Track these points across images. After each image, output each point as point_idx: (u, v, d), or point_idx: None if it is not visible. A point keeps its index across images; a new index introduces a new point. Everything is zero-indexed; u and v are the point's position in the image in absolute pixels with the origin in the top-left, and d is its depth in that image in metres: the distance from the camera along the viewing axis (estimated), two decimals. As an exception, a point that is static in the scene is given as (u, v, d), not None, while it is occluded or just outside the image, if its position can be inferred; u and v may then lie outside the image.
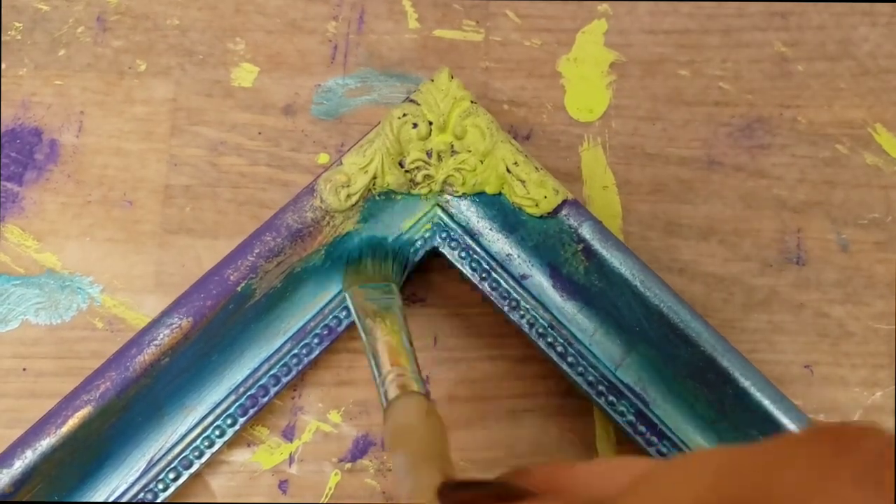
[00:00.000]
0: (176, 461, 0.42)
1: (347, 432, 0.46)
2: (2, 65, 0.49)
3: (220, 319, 0.41)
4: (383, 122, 0.42)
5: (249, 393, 0.43)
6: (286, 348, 0.43)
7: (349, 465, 0.45)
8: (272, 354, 0.43)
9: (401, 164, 0.43)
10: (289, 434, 0.45)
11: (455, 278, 0.46)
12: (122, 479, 0.41)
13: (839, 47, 0.52)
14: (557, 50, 0.51)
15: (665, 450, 0.42)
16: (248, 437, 0.45)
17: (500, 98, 0.50)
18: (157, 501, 0.41)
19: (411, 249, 0.44)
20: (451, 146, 0.42)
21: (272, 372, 0.43)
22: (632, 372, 0.43)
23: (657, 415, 0.43)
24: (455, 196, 0.44)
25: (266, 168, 0.48)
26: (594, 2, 0.52)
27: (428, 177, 0.43)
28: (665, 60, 0.51)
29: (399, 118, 0.42)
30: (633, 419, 0.43)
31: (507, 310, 0.44)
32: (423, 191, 0.43)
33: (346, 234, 0.43)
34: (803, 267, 0.49)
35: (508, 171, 0.42)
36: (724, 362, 0.40)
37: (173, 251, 0.47)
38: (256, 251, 0.41)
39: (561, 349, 0.44)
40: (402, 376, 0.34)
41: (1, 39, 0.49)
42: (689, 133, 0.50)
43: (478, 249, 0.44)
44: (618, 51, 0.51)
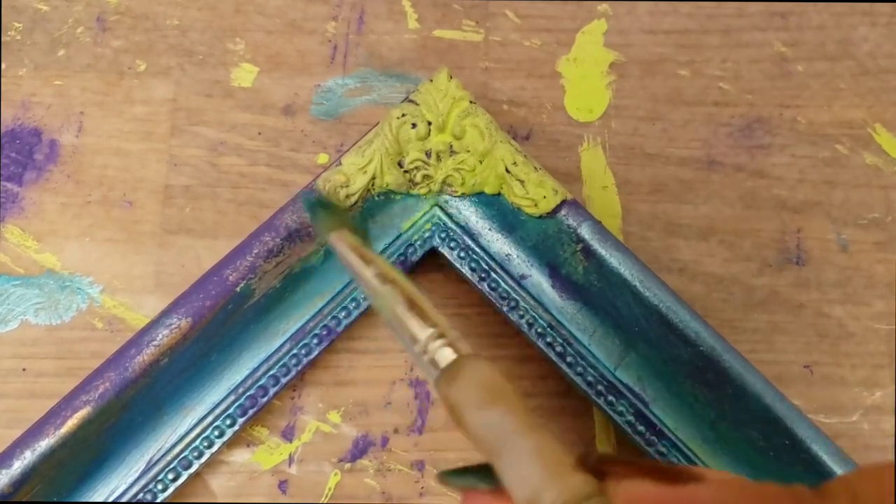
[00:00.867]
0: (175, 461, 0.42)
1: (347, 432, 0.45)
2: (2, 65, 0.49)
3: (219, 320, 0.41)
4: (382, 123, 0.42)
5: (248, 393, 0.43)
6: (285, 349, 0.43)
7: (349, 465, 0.45)
8: (271, 355, 0.43)
9: (400, 165, 0.43)
10: (288, 434, 0.45)
11: (454, 278, 0.46)
12: (121, 479, 0.41)
13: (839, 47, 0.52)
14: (557, 50, 0.51)
15: (664, 449, 0.42)
16: (248, 437, 0.45)
17: (499, 98, 0.50)
18: (157, 502, 0.41)
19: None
20: (450, 146, 0.42)
21: (271, 372, 0.43)
22: (631, 372, 0.43)
23: (656, 414, 0.43)
24: (454, 196, 0.44)
25: (266, 168, 0.48)
26: (594, 2, 0.52)
27: (427, 177, 0.43)
28: (665, 60, 0.51)
29: (398, 118, 0.42)
30: (632, 419, 0.43)
31: (506, 310, 0.44)
32: (422, 191, 0.43)
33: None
34: (803, 267, 0.48)
35: (507, 171, 0.42)
36: (723, 362, 0.40)
37: (173, 251, 0.47)
38: (255, 251, 0.41)
39: (560, 349, 0.43)
40: (447, 335, 0.32)
41: (1, 39, 0.49)
42: (689, 133, 0.50)
43: (477, 249, 0.44)
44: (618, 51, 0.51)
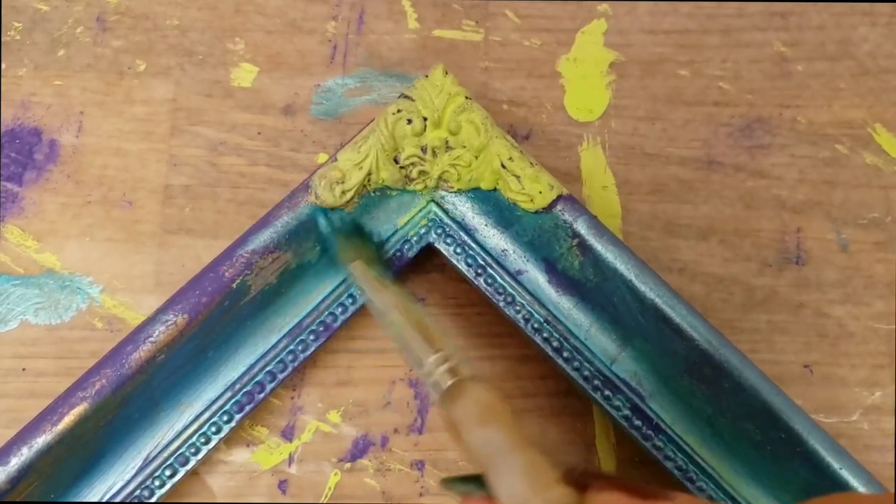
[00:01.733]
0: (172, 458, 0.42)
1: (347, 432, 0.45)
2: (2, 65, 0.49)
3: (216, 316, 0.41)
4: (378, 119, 0.42)
5: (245, 389, 0.42)
6: (282, 345, 0.43)
7: (348, 464, 0.45)
8: (268, 351, 0.43)
9: (396, 161, 0.43)
10: (288, 434, 0.45)
11: (454, 278, 0.46)
12: (118, 475, 0.41)
13: (839, 47, 0.52)
14: (557, 50, 0.51)
15: (661, 444, 0.42)
16: (248, 437, 0.45)
17: (499, 98, 0.50)
18: (154, 500, 0.41)
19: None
20: (446, 142, 0.42)
21: (268, 368, 0.43)
22: (627, 366, 0.43)
23: (653, 409, 0.43)
24: (450, 192, 0.44)
25: (265, 168, 0.48)
26: (594, 2, 0.52)
27: (423, 173, 0.43)
28: (665, 60, 0.51)
29: (394, 114, 0.42)
30: (629, 413, 0.43)
31: (502, 305, 0.44)
32: (419, 187, 0.43)
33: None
34: (803, 267, 0.48)
35: (503, 166, 0.42)
36: (720, 357, 0.40)
37: (173, 251, 0.47)
38: (251, 247, 0.41)
39: (557, 344, 0.43)
40: (450, 360, 0.33)
41: (1, 39, 0.49)
42: (689, 133, 0.50)
43: (473, 245, 0.44)
44: (617, 51, 0.51)
